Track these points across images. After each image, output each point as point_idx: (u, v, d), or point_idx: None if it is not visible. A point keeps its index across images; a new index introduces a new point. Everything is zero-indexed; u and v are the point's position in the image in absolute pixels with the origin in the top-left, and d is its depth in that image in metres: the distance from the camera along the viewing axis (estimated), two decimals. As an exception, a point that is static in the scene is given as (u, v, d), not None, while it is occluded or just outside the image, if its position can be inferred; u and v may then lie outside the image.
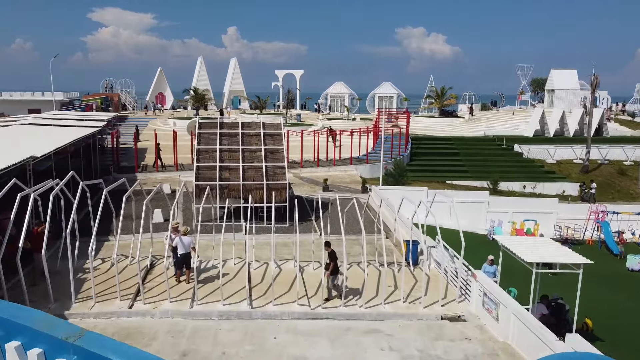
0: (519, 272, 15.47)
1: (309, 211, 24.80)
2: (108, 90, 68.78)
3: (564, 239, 26.57)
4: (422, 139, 48.19)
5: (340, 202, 28.93)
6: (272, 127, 24.28)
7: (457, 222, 17.19)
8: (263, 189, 21.71)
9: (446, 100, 60.37)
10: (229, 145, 23.05)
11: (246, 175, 21.98)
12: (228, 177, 21.87)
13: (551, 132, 50.59)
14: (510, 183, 37.43)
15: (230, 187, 21.74)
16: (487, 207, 29.26)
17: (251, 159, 22.64)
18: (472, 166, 41.80)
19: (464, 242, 14.81)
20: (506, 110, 68.48)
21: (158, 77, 73.99)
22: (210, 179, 21.68)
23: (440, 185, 36.86)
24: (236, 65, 77.13)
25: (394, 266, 17.52)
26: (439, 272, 17.15)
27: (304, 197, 28.43)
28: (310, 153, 37.99)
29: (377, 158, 38.55)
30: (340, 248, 15.06)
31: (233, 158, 22.56)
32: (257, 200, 21.93)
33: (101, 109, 52.92)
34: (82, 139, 25.63)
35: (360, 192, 30.66)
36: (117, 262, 14.94)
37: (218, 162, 22.07)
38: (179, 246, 14.36)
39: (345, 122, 57.86)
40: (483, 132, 51.05)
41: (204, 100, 61.19)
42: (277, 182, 21.94)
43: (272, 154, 22.97)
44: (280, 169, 22.42)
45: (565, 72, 64.57)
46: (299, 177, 34.33)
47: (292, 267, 16.31)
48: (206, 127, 23.82)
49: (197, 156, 22.36)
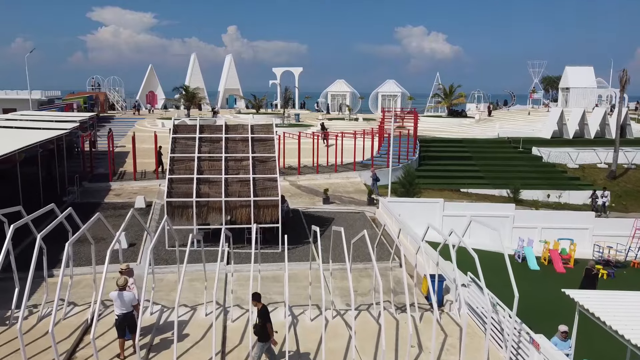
0: (596, 333, 11.42)
1: (307, 231, 20.92)
2: (95, 88, 64.74)
3: (606, 261, 22.66)
4: (430, 141, 44.24)
5: (343, 217, 25.15)
6: (262, 131, 20.35)
7: (475, 240, 13.49)
8: (250, 206, 17.80)
9: (455, 99, 56.43)
10: (209, 152, 19.13)
11: (230, 189, 18.07)
12: (207, 192, 17.96)
13: (570, 133, 46.65)
14: (532, 191, 33.47)
15: (209, 205, 17.83)
16: (512, 221, 25.34)
17: (236, 170, 18.72)
18: (488, 171, 37.82)
19: (488, 265, 11.19)
20: (518, 110, 64.55)
21: (148, 75, 69.94)
22: (185, 194, 17.77)
23: (454, 194, 32.95)
24: (231, 62, 73.10)
25: (414, 310, 13.61)
26: (472, 318, 13.25)
27: (301, 210, 24.56)
28: (309, 157, 34.04)
29: (383, 163, 34.63)
30: (345, 283, 11.23)
31: (214, 168, 18.64)
32: (243, 220, 18.04)
33: (84, 108, 49.04)
34: (39, 144, 21.64)
35: (365, 203, 26.78)
36: (43, 314, 11.02)
37: (196, 174, 18.16)
38: (115, 304, 10.29)
39: (347, 123, 53.91)
40: (496, 134, 47.07)
41: (196, 99, 57.16)
42: (268, 197, 18.04)
43: (261, 164, 19.05)
44: (271, 182, 18.51)
45: (581, 69, 60.77)
46: (296, 185, 30.43)
47: (282, 319, 12.32)
48: (183, 130, 19.89)
49: (171, 166, 18.44)
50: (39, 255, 10.56)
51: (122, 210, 22.96)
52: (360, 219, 23.78)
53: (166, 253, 17.39)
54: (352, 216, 24.16)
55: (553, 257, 22.63)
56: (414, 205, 25.42)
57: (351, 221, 23.12)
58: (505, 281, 14.86)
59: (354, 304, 11.29)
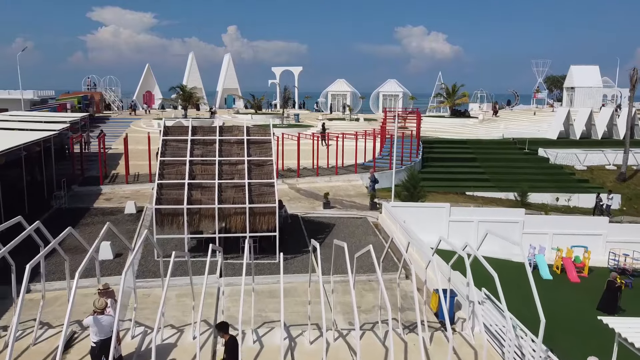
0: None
1: (306, 239, 19.73)
2: (91, 88, 63.49)
3: (622, 270, 21.47)
4: (433, 142, 42.99)
5: (345, 223, 23.97)
6: (259, 132, 19.17)
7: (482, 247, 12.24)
8: (245, 213, 16.60)
9: (458, 99, 55.17)
10: (202, 156, 17.93)
11: (224, 195, 16.87)
12: (200, 198, 16.76)
13: (577, 134, 45.40)
14: (539, 194, 32.21)
15: (202, 212, 16.64)
16: (522, 227, 24.13)
17: (231, 175, 17.52)
18: (493, 174, 36.60)
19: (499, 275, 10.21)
20: (522, 110, 63.33)
21: (145, 74, 68.70)
22: (176, 201, 16.57)
23: (459, 197, 31.74)
24: (230, 61, 71.84)
25: (424, 329, 12.38)
26: (489, 339, 12.03)
27: (301, 215, 23.38)
28: (309, 159, 32.84)
29: (385, 165, 33.44)
30: (347, 297, 10.04)
31: (207, 173, 17.45)
32: (238, 228, 16.86)
33: (78, 109, 47.81)
34: (23, 146, 20.44)
35: (367, 208, 25.58)
36: (15, 337, 9.76)
37: (187, 179, 16.95)
38: (91, 331, 9.13)
39: (348, 123, 52.70)
40: (501, 134, 45.84)
41: (193, 99, 55.90)
42: (264, 204, 16.84)
43: (257, 168, 17.85)
44: (268, 187, 17.31)
45: (587, 68, 59.55)
46: (295, 189, 29.24)
47: (277, 343, 11.09)
48: (174, 132, 18.70)
49: (160, 170, 17.25)
50: (7, 272, 9.39)
51: (111, 217, 21.79)
52: (363, 224, 22.61)
53: (155, 265, 16.18)
54: (354, 222, 22.98)
55: (566, 265, 21.44)
56: (419, 210, 24.24)
57: (353, 227, 21.96)
58: (519, 294, 13.75)
59: (358, 323, 10.11)
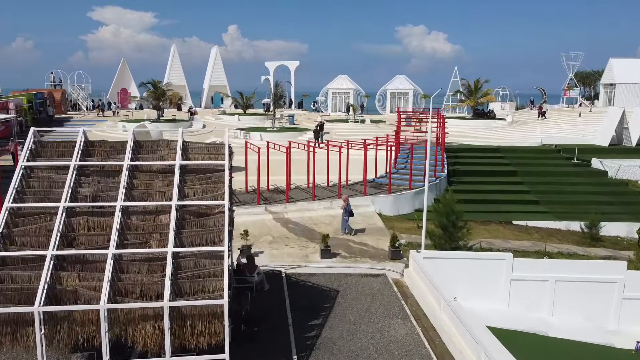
0: None
1: (289, 326, 11.56)
2: (57, 85, 55.23)
3: None
4: (457, 150, 34.67)
5: (354, 286, 15.66)
6: (206, 153, 10.89)
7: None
8: (162, 318, 8.38)
9: (482, 97, 46.94)
10: (94, 198, 9.71)
11: (124, 280, 8.65)
12: (75, 285, 8.54)
13: (633, 140, 37.15)
14: (610, 224, 23.87)
15: (75, 318, 8.40)
16: (622, 289, 15.93)
17: (144, 236, 9.30)
18: (541, 193, 28.29)
19: None
20: (558, 109, 55.13)
21: (120, 70, 60.29)
22: (23, 295, 8.35)
23: (506, 229, 23.47)
24: (217, 55, 63.40)
25: None
26: None
27: (285, 272, 15.27)
28: (303, 174, 24.35)
29: (402, 182, 25.19)
30: None
31: (99, 233, 9.23)
32: (149, 344, 8.64)
33: (26, 109, 39.65)
34: None
35: (386, 256, 17.41)
36: None
37: (54, 247, 8.73)
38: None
39: (352, 126, 44.41)
40: (539, 140, 37.51)
41: (172, 98, 47.60)
42: (205, 296, 8.61)
43: (196, 220, 9.61)
44: (213, 260, 9.08)
45: (630, 61, 51.27)
46: (282, 221, 20.96)
47: None
48: (48, 152, 10.43)
49: (6, 228, 9.03)
50: None
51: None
52: (382, 290, 14.50)
53: None
54: (367, 284, 14.85)
55: None
56: (464, 262, 16.02)
57: (367, 297, 13.87)
58: None
59: None
